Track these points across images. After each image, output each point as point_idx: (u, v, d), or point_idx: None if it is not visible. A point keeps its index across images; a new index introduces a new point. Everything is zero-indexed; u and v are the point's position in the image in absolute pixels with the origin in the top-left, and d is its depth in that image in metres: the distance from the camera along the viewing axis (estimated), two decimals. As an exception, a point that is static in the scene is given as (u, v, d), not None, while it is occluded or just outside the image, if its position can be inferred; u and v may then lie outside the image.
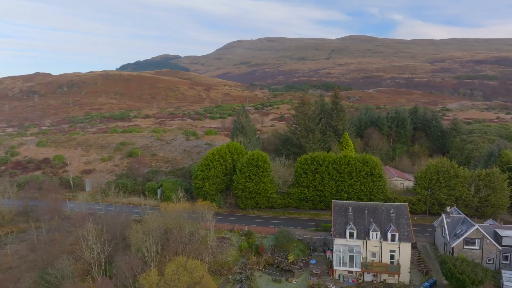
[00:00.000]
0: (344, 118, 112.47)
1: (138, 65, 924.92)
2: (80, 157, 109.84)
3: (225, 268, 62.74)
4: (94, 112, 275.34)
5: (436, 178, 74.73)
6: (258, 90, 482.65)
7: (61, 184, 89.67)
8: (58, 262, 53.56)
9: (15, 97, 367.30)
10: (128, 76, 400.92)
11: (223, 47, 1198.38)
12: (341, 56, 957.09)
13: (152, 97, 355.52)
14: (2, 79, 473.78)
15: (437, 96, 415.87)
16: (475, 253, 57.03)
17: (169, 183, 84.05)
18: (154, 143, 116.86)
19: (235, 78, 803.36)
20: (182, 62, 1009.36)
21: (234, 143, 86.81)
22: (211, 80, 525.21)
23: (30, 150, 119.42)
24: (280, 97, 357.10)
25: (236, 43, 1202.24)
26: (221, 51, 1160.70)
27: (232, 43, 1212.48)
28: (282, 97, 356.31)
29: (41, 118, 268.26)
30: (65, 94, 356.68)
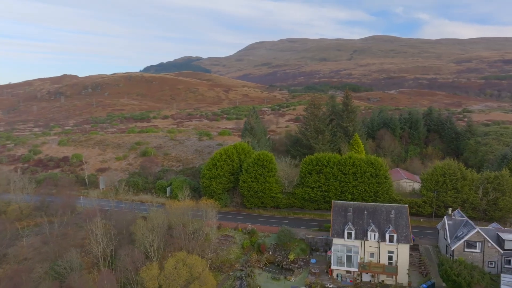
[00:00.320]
0: (355, 119, 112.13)
1: (161, 67, 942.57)
2: (97, 156, 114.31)
3: (227, 265, 64.43)
4: (116, 113, 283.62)
5: (443, 180, 73.93)
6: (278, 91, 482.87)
7: (77, 182, 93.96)
8: (67, 254, 56.72)
9: (43, 98, 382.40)
10: (149, 78, 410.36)
11: (244, 49, 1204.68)
12: (363, 57, 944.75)
13: (172, 98, 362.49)
14: (32, 81, 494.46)
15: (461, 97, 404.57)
16: (476, 256, 56.40)
17: (178, 181, 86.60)
18: (168, 143, 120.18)
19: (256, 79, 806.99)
20: (204, 64, 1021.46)
21: (241, 143, 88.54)
22: (231, 82, 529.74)
23: (51, 149, 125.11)
24: (298, 98, 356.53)
25: (257, 45, 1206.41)
26: (242, 52, 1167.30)
27: (254, 44, 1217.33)
28: (300, 98, 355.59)
29: (66, 119, 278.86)
30: (90, 95, 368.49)
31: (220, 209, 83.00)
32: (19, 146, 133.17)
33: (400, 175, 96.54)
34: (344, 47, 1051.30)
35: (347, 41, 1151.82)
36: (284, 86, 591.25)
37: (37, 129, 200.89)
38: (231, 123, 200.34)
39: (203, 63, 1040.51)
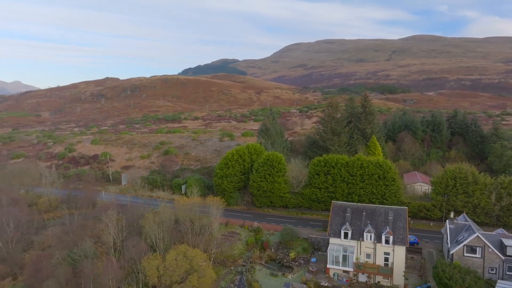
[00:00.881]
0: (373, 122, 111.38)
1: (198, 70, 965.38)
2: (124, 154, 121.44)
3: (230, 260, 67.29)
4: (151, 114, 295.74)
5: (453, 184, 72.49)
6: (311, 92, 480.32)
7: (102, 178, 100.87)
8: (82, 243, 62.08)
9: (86, 100, 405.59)
10: (184, 80, 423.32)
11: (280, 50, 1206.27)
12: (403, 57, 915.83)
13: (205, 100, 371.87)
14: (77, 83, 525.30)
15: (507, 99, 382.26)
16: (476, 262, 55.36)
17: (193, 180, 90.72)
18: (190, 143, 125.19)
19: (291, 81, 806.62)
20: (240, 66, 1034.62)
21: (254, 144, 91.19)
22: (264, 83, 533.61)
23: (84, 147, 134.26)
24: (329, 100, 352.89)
25: (293, 46, 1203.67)
26: (278, 54, 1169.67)
27: (290, 46, 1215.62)
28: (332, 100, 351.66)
29: (105, 119, 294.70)
30: (128, 97, 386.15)
31: (231, 207, 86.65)
32: (57, 145, 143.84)
33: (416, 178, 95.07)
34: (382, 48, 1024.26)
35: (386, 41, 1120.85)
36: (318, 87, 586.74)
37: (77, 129, 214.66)
38: (258, 125, 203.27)
39: (239, 65, 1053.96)
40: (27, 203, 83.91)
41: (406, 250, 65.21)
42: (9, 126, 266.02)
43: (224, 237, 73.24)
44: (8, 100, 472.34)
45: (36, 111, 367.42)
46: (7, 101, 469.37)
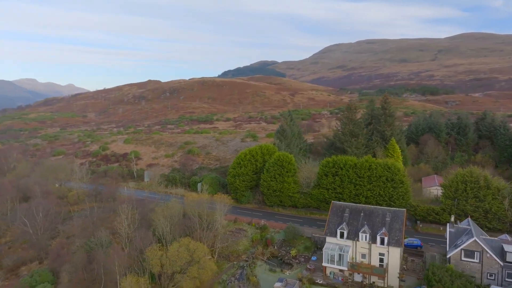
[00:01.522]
0: (393, 124, 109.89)
1: (237, 72, 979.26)
2: (151, 153, 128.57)
3: (234, 255, 70.39)
4: (187, 115, 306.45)
5: (463, 187, 70.73)
6: (348, 94, 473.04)
7: (128, 174, 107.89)
8: (98, 233, 67.97)
9: (129, 102, 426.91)
10: (220, 82, 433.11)
11: (319, 52, 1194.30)
12: (449, 57, 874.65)
13: (240, 102, 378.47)
14: (121, 86, 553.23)
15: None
16: (474, 266, 54.37)
17: (208, 178, 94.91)
18: (213, 143, 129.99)
19: (329, 82, 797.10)
20: (279, 68, 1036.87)
21: (267, 144, 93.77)
22: (300, 85, 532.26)
23: (117, 146, 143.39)
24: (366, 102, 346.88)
25: (333, 47, 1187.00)
26: (317, 55, 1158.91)
27: (329, 47, 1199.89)
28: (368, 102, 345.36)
29: (144, 120, 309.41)
30: (167, 99, 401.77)
31: (243, 205, 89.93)
32: (94, 143, 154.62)
33: (434, 182, 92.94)
34: (427, 47, 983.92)
35: (431, 40, 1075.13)
36: (356, 89, 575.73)
37: (116, 129, 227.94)
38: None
39: (278, 67, 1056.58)
40: (58, 195, 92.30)
41: (408, 253, 65.47)
42: (58, 126, 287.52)
43: (231, 233, 76.48)
44: (61, 102, 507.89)
45: (83, 112, 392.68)
46: (59, 102, 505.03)
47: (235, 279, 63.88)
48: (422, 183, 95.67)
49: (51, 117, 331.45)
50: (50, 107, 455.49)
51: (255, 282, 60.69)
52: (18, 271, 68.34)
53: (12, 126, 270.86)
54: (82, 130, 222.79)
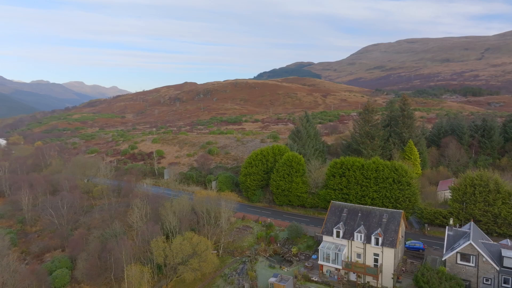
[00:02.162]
0: (412, 125, 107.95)
1: (273, 73, 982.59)
2: (175, 152, 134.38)
3: (239, 251, 73.22)
4: (218, 116, 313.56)
5: (471, 191, 69.04)
6: (383, 95, 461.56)
7: (150, 172, 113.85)
8: (112, 225, 73.37)
9: (165, 103, 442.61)
10: (252, 84, 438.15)
11: (357, 52, 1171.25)
12: (498, 55, 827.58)
13: (271, 103, 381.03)
14: (159, 88, 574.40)
15: None
16: (470, 270, 53.55)
17: (223, 177, 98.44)
18: (233, 144, 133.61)
19: (366, 83, 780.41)
20: (315, 69, 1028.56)
21: (278, 145, 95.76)
22: (335, 86, 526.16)
23: (145, 145, 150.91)
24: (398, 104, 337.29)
25: (371, 47, 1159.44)
26: (355, 56, 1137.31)
27: (367, 47, 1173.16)
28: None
29: (177, 121, 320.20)
30: (201, 100, 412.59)
31: (254, 203, 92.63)
32: (125, 143, 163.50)
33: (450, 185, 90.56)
34: (473, 46, 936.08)
35: (478, 38, 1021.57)
36: (394, 90, 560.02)
37: (149, 129, 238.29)
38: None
39: (314, 68, 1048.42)
40: (85, 190, 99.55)
41: (409, 255, 65.09)
42: (98, 126, 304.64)
43: (238, 230, 79.39)
44: (103, 103, 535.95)
45: (122, 113, 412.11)
46: (102, 104, 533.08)
47: (237, 273, 66.70)
48: (438, 186, 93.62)
49: (93, 117, 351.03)
50: (93, 108, 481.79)
51: (253, 277, 63.10)
52: (43, 257, 75.12)
53: (57, 125, 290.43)
54: (117, 130, 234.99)
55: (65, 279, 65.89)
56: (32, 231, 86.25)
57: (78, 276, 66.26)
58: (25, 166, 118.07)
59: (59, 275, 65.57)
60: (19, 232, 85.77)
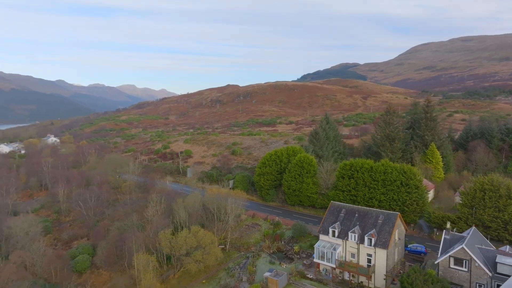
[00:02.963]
0: (435, 128, 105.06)
1: (317, 75, 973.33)
2: (202, 152, 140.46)
3: (245, 247, 76.54)
4: (255, 118, 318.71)
5: (481, 196, 66.86)
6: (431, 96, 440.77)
7: (175, 170, 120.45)
8: (130, 217, 79.81)
9: (206, 105, 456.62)
10: (292, 86, 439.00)
11: (406, 52, 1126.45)
12: None
13: (309, 105, 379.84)
14: (203, 90, 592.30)
15: None
16: (463, 275, 52.65)
17: (240, 176, 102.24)
18: (257, 145, 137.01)
19: (415, 84, 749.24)
20: (360, 70, 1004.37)
21: (293, 146, 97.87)
22: (378, 88, 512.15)
23: (177, 145, 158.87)
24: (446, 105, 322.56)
25: (421, 47, 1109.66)
26: (403, 56, 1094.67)
27: (417, 47, 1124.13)
28: (449, 105, 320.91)
29: (216, 122, 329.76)
30: (241, 103, 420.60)
31: (267, 203, 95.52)
32: (160, 142, 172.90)
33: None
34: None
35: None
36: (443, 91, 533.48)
37: (187, 130, 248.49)
38: (346, 130, 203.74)
39: (359, 69, 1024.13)
40: (114, 185, 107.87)
41: (409, 258, 64.59)
42: (142, 126, 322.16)
43: (247, 227, 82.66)
44: (150, 105, 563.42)
45: (166, 115, 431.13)
46: (148, 106, 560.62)
47: (239, 267, 70.02)
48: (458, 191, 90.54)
49: (138, 119, 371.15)
50: (140, 110, 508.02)
51: (252, 271, 66.04)
52: (71, 244, 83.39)
53: (105, 126, 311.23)
54: (157, 131, 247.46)
55: (85, 264, 73.00)
56: (66, 220, 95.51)
57: (97, 262, 73.21)
58: (66, 163, 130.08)
59: (80, 260, 72.80)
60: (55, 221, 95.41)
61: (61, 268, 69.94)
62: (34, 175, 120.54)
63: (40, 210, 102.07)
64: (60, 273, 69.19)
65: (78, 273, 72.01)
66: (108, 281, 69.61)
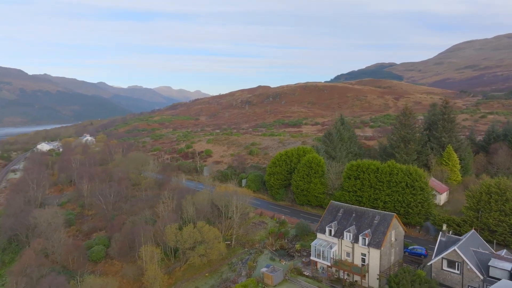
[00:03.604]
0: (453, 130, 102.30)
1: (351, 75, 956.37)
2: (222, 152, 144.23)
3: (250, 243, 78.93)
4: (283, 119, 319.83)
5: (486, 199, 65.19)
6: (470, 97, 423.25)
7: (194, 169, 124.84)
8: (144, 212, 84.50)
9: (236, 106, 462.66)
10: (321, 87, 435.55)
11: (446, 50, 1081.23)
12: None
13: (339, 106, 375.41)
14: (234, 91, 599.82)
15: None
16: (455, 277, 52.14)
17: (253, 175, 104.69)
18: (275, 145, 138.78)
19: (454, 84, 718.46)
20: (396, 70, 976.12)
21: (304, 146, 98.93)
22: (413, 88, 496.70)
23: (199, 145, 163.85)
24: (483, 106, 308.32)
25: (463, 45, 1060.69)
26: (443, 54, 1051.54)
27: (459, 45, 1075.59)
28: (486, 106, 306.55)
29: (244, 123, 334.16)
30: (270, 103, 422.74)
31: (277, 202, 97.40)
32: (184, 142, 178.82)
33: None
34: None
35: None
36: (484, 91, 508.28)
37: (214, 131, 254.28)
38: (371, 131, 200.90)
39: (395, 69, 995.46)
40: (135, 182, 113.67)
41: (408, 260, 64.23)
42: (172, 127, 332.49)
43: (254, 224, 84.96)
44: (183, 106, 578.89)
45: (197, 115, 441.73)
46: (182, 107, 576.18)
47: (242, 263, 72.50)
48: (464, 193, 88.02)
49: (170, 119, 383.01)
50: (174, 111, 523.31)
51: (252, 266, 68.30)
52: (90, 236, 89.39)
53: (138, 126, 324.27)
54: (186, 131, 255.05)
55: (100, 254, 78.28)
56: (88, 214, 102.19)
57: (111, 253, 78.27)
58: (94, 160, 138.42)
59: (96, 251, 78.18)
60: (78, 214, 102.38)
61: (78, 257, 75.54)
62: (64, 171, 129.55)
63: (66, 204, 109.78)
64: (77, 261, 74.75)
65: (94, 262, 77.35)
66: (120, 271, 74.30)
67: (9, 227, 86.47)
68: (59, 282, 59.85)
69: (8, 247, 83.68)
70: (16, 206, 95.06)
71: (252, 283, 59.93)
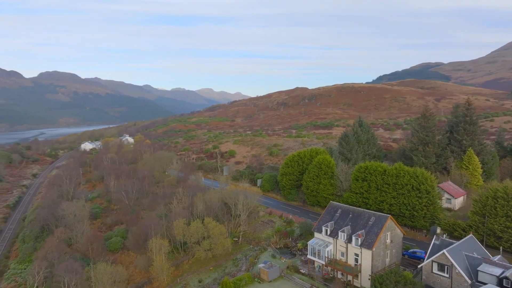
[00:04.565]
0: (475, 133, 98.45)
1: (394, 76, 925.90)
2: (245, 152, 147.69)
3: (256, 240, 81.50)
4: (317, 121, 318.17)
5: (492, 204, 63.07)
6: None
7: (215, 168, 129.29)
8: (159, 207, 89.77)
9: (272, 108, 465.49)
10: (358, 88, 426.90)
11: (500, 48, 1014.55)
12: None
13: (375, 108, 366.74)
14: (271, 93, 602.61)
15: None
16: (444, 281, 51.53)
17: (267, 176, 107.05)
18: (296, 146, 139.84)
19: (508, 84, 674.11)
20: (443, 70, 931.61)
21: (317, 148, 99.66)
22: (459, 89, 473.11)
23: (225, 146, 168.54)
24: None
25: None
26: (496, 53, 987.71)
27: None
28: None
29: (278, 124, 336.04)
30: (305, 105, 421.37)
31: (289, 202, 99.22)
32: (212, 143, 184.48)
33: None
34: None
35: None
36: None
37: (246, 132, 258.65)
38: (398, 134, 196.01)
39: (442, 69, 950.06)
40: (159, 179, 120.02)
41: (406, 263, 63.74)
42: (208, 128, 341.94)
43: (262, 222, 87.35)
44: (221, 108, 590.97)
45: (233, 117, 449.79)
46: (220, 108, 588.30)
47: (245, 258, 75.27)
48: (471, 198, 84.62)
49: (206, 121, 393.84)
50: (212, 113, 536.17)
51: (253, 262, 70.82)
52: (113, 228, 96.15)
53: (175, 127, 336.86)
54: (217, 133, 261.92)
55: (117, 245, 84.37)
56: (113, 208, 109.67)
57: (128, 245, 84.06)
58: (124, 159, 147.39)
59: (113, 242, 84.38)
60: (105, 208, 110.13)
61: (97, 247, 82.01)
62: (98, 169, 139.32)
63: (96, 199, 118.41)
64: (96, 251, 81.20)
65: (112, 253, 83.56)
66: (134, 261, 79.81)
67: (43, 218, 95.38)
68: (74, 268, 65.86)
69: (40, 236, 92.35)
70: (50, 199, 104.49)
71: (248, 278, 62.49)
